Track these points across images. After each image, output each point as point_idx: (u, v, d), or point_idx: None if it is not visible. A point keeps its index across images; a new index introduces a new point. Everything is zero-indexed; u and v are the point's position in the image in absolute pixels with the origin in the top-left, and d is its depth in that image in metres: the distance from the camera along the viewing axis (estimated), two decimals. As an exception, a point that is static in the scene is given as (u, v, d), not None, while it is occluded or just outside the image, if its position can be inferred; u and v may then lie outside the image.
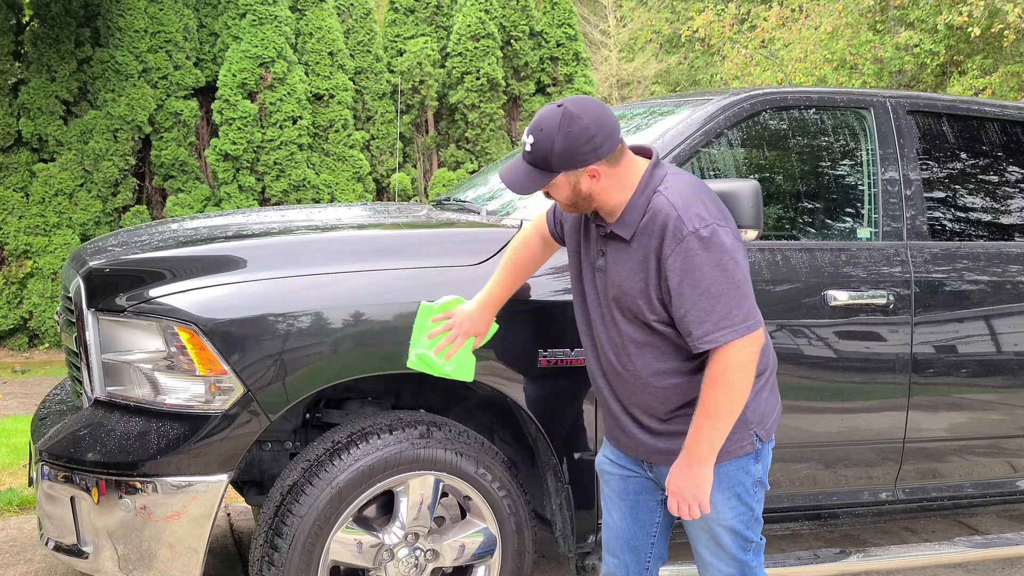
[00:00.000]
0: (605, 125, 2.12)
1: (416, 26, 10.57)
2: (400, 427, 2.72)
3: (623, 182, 2.17)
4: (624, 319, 2.22)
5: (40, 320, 8.95)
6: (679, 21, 19.92)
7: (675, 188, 2.15)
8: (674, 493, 2.18)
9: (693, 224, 2.07)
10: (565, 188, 2.17)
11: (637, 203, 2.16)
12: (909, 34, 11.62)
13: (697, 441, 2.14)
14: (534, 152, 2.14)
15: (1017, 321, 3.32)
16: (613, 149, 2.14)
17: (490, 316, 2.56)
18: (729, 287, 2.08)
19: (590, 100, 2.17)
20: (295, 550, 2.59)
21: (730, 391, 2.10)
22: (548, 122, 2.11)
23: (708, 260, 2.07)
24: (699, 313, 2.07)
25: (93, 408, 2.67)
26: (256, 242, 2.84)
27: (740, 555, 2.30)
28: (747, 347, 2.10)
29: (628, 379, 2.25)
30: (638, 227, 2.15)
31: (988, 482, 3.43)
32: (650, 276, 2.14)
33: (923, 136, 3.40)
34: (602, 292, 2.26)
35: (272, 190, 9.49)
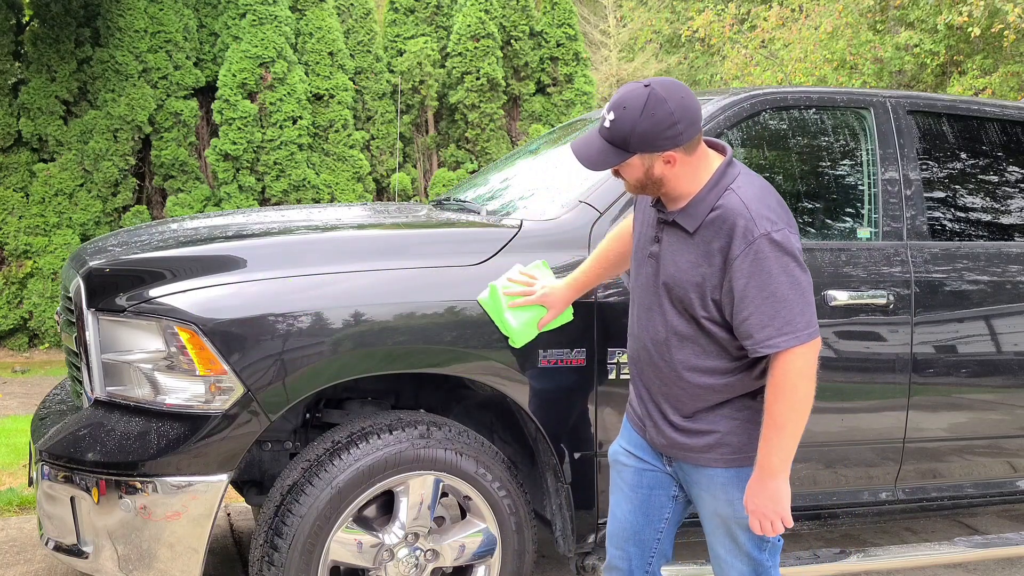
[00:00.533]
0: (689, 111, 2.08)
1: (416, 26, 10.57)
2: (400, 427, 2.72)
3: (696, 173, 2.14)
4: (673, 309, 2.19)
5: (40, 320, 8.95)
6: (679, 21, 19.93)
7: (748, 189, 2.12)
8: (753, 512, 2.15)
9: (764, 227, 2.05)
10: (638, 169, 2.13)
11: (706, 197, 2.12)
12: (909, 34, 11.62)
13: (767, 454, 2.10)
14: (613, 129, 2.09)
15: (1017, 321, 3.32)
16: (692, 137, 2.10)
17: (570, 297, 2.59)
18: (795, 293, 2.05)
19: (677, 84, 2.11)
20: (295, 550, 2.59)
21: (795, 399, 2.06)
22: (633, 101, 2.07)
23: (777, 264, 2.04)
24: (762, 317, 2.05)
25: (93, 408, 2.67)
26: (256, 242, 2.84)
27: (756, 553, 2.29)
28: (807, 354, 2.06)
29: (665, 369, 2.23)
30: (704, 221, 2.11)
31: (988, 482, 3.43)
32: (712, 273, 2.11)
33: (923, 136, 3.40)
34: (652, 278, 2.23)
35: (272, 190, 9.50)
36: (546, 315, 2.59)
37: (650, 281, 2.24)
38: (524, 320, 2.58)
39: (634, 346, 2.34)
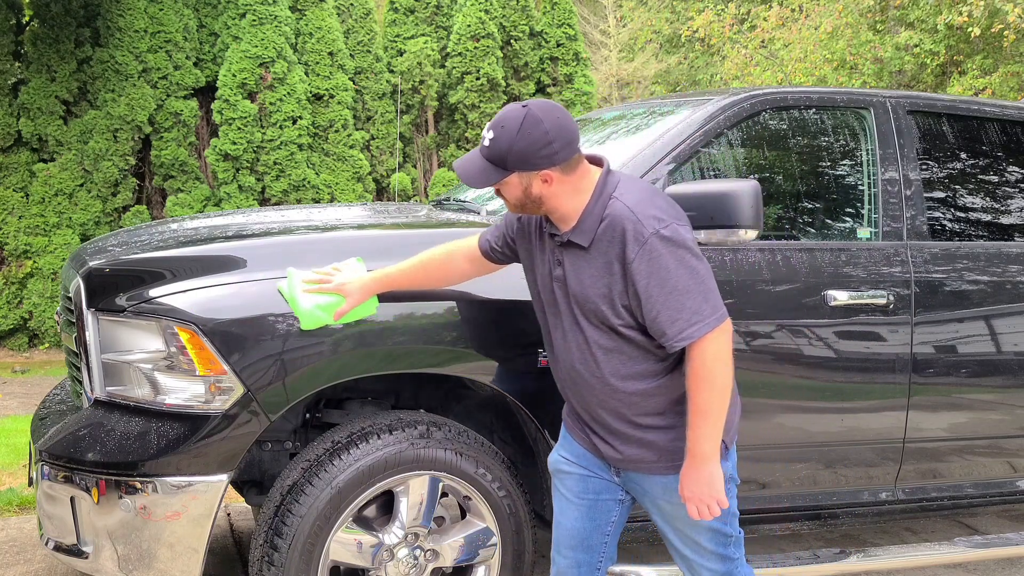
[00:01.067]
0: (565, 132, 2.13)
1: (416, 26, 10.57)
2: (400, 427, 2.72)
3: (577, 189, 2.19)
4: (590, 325, 2.22)
5: (40, 320, 8.95)
6: (679, 21, 19.93)
7: (630, 193, 2.17)
8: (690, 498, 2.18)
9: (652, 226, 2.09)
10: (517, 188, 2.18)
11: (593, 210, 2.17)
12: (909, 34, 11.63)
13: (697, 441, 2.15)
14: (492, 148, 2.15)
15: (1017, 321, 3.32)
16: (569, 157, 2.15)
17: (372, 289, 2.52)
18: (695, 282, 2.10)
19: (554, 106, 2.17)
20: (295, 550, 2.59)
21: (715, 383, 2.12)
22: (510, 121, 2.13)
23: (672, 258, 2.09)
24: (670, 312, 2.09)
25: (93, 408, 2.67)
26: (256, 242, 2.84)
27: (721, 550, 2.33)
28: (721, 337, 2.12)
29: (597, 385, 2.25)
30: (596, 234, 2.16)
31: (988, 482, 3.43)
32: (615, 282, 2.15)
33: (923, 136, 3.40)
34: (563, 301, 2.27)
35: (272, 190, 9.50)
36: (343, 305, 2.51)
37: (563, 304, 2.27)
38: (316, 303, 2.50)
39: (561, 373, 2.35)
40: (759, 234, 2.63)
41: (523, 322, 2.72)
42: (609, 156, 3.09)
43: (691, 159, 3.01)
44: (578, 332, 2.25)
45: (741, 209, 2.54)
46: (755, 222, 2.56)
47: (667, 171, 2.93)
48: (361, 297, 2.52)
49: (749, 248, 2.98)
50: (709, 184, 2.67)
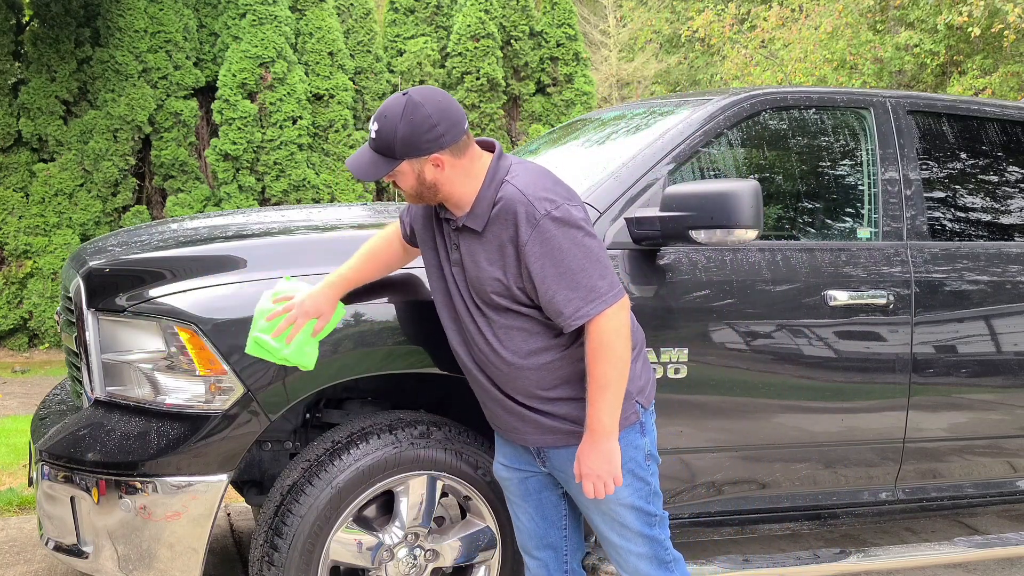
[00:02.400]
0: (449, 114, 2.15)
1: (416, 26, 10.57)
2: (400, 427, 2.72)
3: (469, 173, 2.20)
4: (488, 307, 2.24)
5: (40, 320, 8.95)
6: (679, 21, 19.93)
7: (521, 175, 2.18)
8: (586, 475, 2.20)
9: (544, 207, 2.11)
10: (410, 176, 2.19)
11: (486, 194, 2.18)
12: (909, 34, 11.63)
13: (596, 416, 2.17)
14: (378, 139, 2.16)
15: (1017, 321, 3.32)
16: (457, 139, 2.16)
17: (335, 297, 2.45)
18: (589, 261, 2.12)
19: (435, 90, 2.19)
20: (295, 550, 2.59)
21: (613, 358, 2.13)
22: (392, 109, 2.14)
23: (565, 239, 2.11)
24: (566, 292, 2.11)
25: (93, 408, 2.67)
26: (256, 242, 2.84)
27: (647, 531, 2.35)
28: (618, 313, 2.14)
29: (502, 366, 2.27)
30: (489, 217, 2.17)
31: (988, 482, 3.43)
32: (508, 264, 2.17)
33: (923, 136, 3.40)
34: (463, 286, 2.28)
35: (272, 190, 9.50)
36: (318, 323, 2.43)
37: (462, 288, 2.28)
38: (300, 343, 2.39)
39: (465, 361, 2.36)
40: (759, 234, 2.63)
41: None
42: (610, 156, 3.11)
43: (691, 159, 3.01)
44: (478, 315, 2.26)
45: (741, 209, 2.54)
46: (755, 222, 2.56)
47: (667, 171, 2.93)
48: (330, 308, 2.45)
49: (749, 248, 2.98)
50: (709, 184, 2.68)
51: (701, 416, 2.94)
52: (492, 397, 2.37)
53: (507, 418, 2.36)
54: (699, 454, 2.99)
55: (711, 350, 2.91)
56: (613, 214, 2.83)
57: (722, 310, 2.90)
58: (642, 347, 2.40)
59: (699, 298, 2.88)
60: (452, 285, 2.31)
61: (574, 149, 3.60)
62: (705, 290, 2.89)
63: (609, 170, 2.96)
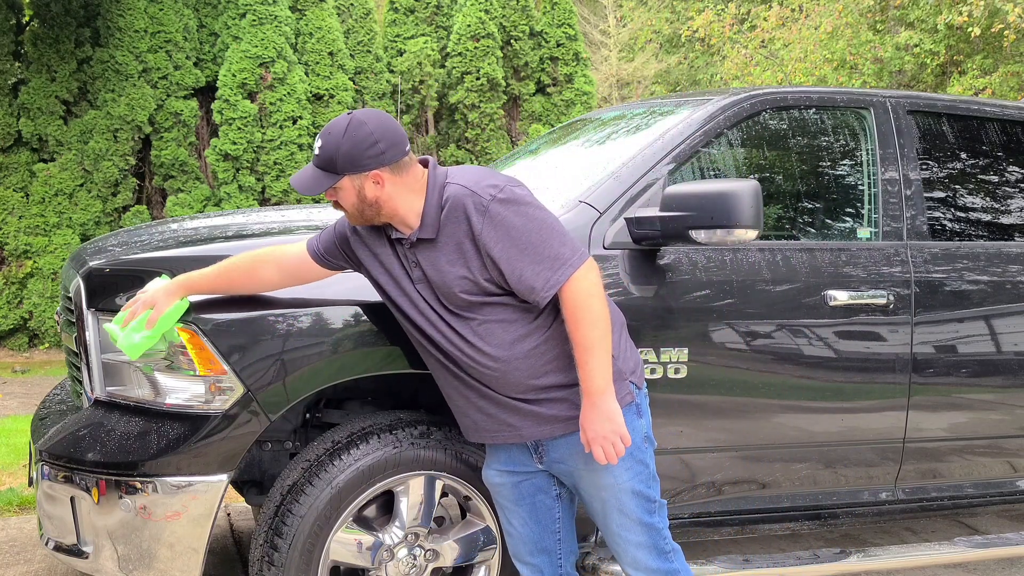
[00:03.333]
0: (390, 133, 2.21)
1: (416, 26, 10.57)
2: (400, 427, 2.72)
3: (412, 189, 2.25)
4: (462, 311, 2.26)
5: (40, 320, 8.95)
6: (679, 21, 19.93)
7: (460, 174, 2.25)
8: (593, 439, 2.20)
9: (489, 192, 2.17)
10: (350, 192, 2.23)
11: (432, 201, 2.23)
12: (909, 34, 11.63)
13: (588, 379, 2.19)
14: (322, 155, 2.21)
15: (1017, 321, 3.32)
16: (397, 158, 2.22)
17: (174, 293, 2.45)
18: (546, 231, 2.17)
19: (378, 112, 2.26)
20: (295, 550, 2.59)
21: (592, 317, 2.16)
22: (336, 127, 2.21)
23: (516, 216, 2.16)
24: (532, 267, 2.15)
25: (93, 408, 2.67)
26: (256, 242, 2.83)
27: (647, 518, 2.36)
28: (587, 274, 2.18)
29: (491, 364, 2.27)
30: (440, 221, 2.21)
31: (988, 482, 3.43)
32: (470, 260, 2.20)
33: (923, 136, 3.40)
34: (432, 300, 2.29)
35: (272, 190, 9.50)
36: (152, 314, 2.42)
37: (432, 302, 2.29)
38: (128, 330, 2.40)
39: (449, 373, 2.35)
40: (759, 234, 2.63)
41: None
42: (610, 156, 3.11)
43: (691, 159, 3.01)
44: (455, 320, 2.28)
45: (741, 209, 2.54)
46: (755, 222, 2.56)
47: (667, 171, 2.93)
48: (167, 302, 2.44)
49: (749, 248, 2.98)
50: (709, 184, 2.68)
51: (701, 416, 2.94)
52: (486, 403, 2.35)
53: (504, 418, 2.35)
54: (699, 454, 2.99)
55: (711, 350, 2.90)
56: (613, 214, 2.83)
57: (722, 310, 2.90)
58: (623, 328, 2.41)
59: (699, 298, 2.88)
60: (422, 304, 2.31)
61: (574, 149, 3.60)
62: (705, 290, 2.89)
63: (609, 170, 2.96)
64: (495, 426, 2.38)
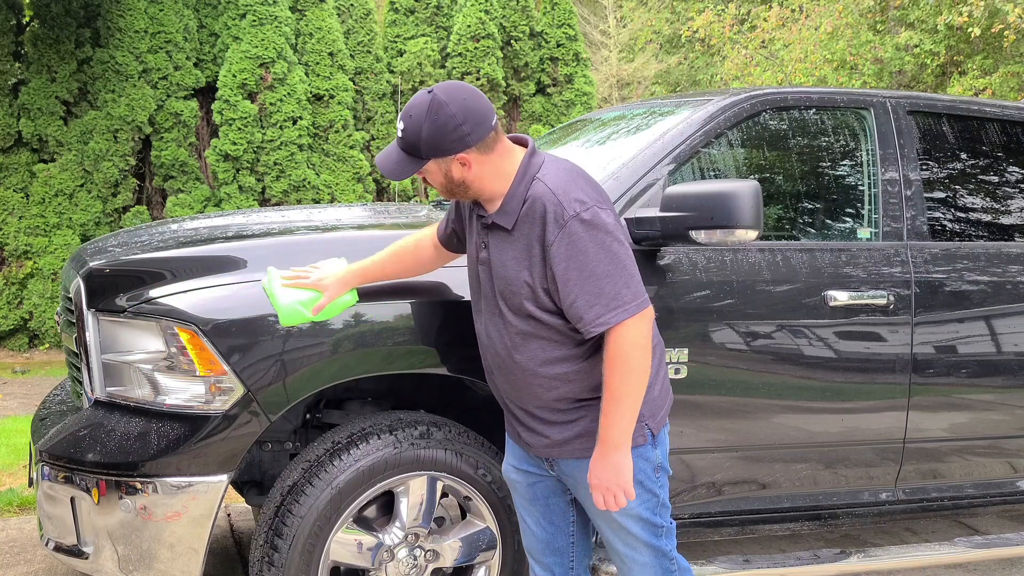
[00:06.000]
0: (474, 113, 2.10)
1: (416, 26, 10.57)
2: (400, 427, 2.72)
3: (499, 170, 2.16)
4: (509, 310, 2.21)
5: (40, 320, 8.95)
6: (679, 21, 19.94)
7: (553, 174, 2.14)
8: (596, 487, 2.17)
9: (574, 208, 2.06)
10: (437, 175, 2.17)
11: (517, 192, 2.14)
12: (909, 34, 11.63)
13: (608, 428, 2.13)
14: (405, 138, 2.14)
15: (1017, 321, 3.32)
16: (483, 137, 2.12)
17: (349, 281, 2.48)
18: (616, 268, 2.08)
19: (461, 87, 2.14)
20: (295, 550, 2.59)
21: (629, 370, 2.09)
22: (417, 109, 2.11)
23: (592, 242, 2.06)
24: (588, 297, 2.07)
25: (93, 408, 2.67)
26: (256, 243, 2.84)
27: (653, 541, 2.32)
28: (640, 324, 2.09)
29: (516, 372, 2.25)
30: (519, 216, 2.13)
31: (988, 482, 3.43)
32: (534, 265, 2.13)
33: (923, 136, 3.40)
34: (487, 285, 2.25)
35: (272, 190, 9.50)
36: (321, 300, 2.46)
37: (487, 288, 2.26)
38: (294, 299, 2.45)
39: (487, 357, 2.34)
40: (759, 234, 2.63)
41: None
42: (610, 156, 3.11)
43: (691, 159, 3.01)
44: (499, 317, 2.24)
45: (741, 209, 2.54)
46: (755, 222, 2.56)
47: (667, 171, 2.93)
48: (338, 290, 2.48)
49: (749, 248, 2.98)
50: (709, 184, 2.68)
51: (701, 416, 2.94)
52: (507, 403, 2.35)
53: (519, 424, 2.34)
54: (699, 454, 2.99)
55: (711, 350, 2.91)
56: (613, 214, 2.83)
57: (722, 310, 2.90)
58: (662, 362, 2.35)
59: (699, 298, 2.88)
60: (478, 285, 2.29)
61: (574, 150, 3.60)
62: (705, 290, 2.89)
63: (609, 170, 2.96)
64: (516, 422, 2.37)
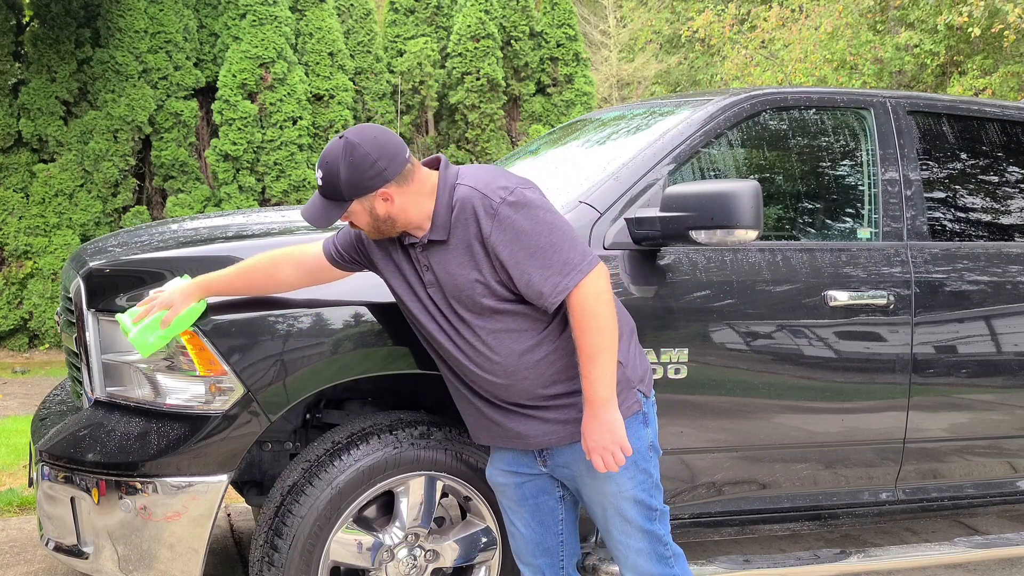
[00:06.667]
0: (387, 148, 2.17)
1: (416, 26, 10.58)
2: (400, 427, 2.72)
3: (421, 194, 2.22)
4: (472, 315, 2.24)
5: (40, 320, 8.96)
6: (679, 21, 19.94)
7: (471, 174, 2.22)
8: (592, 449, 2.19)
9: (499, 195, 2.14)
10: (363, 215, 2.22)
11: (443, 202, 2.20)
12: (909, 34, 11.63)
13: (592, 387, 2.16)
14: (325, 184, 2.19)
15: (1017, 321, 3.32)
16: (400, 171, 2.18)
17: (191, 295, 2.45)
18: (556, 236, 2.14)
19: (370, 127, 2.22)
20: (295, 550, 2.59)
21: (599, 325, 2.13)
22: (332, 154, 2.17)
23: (527, 220, 2.13)
24: (541, 271, 2.12)
25: (93, 409, 2.67)
26: (256, 243, 2.83)
27: (647, 525, 2.35)
28: (597, 280, 2.15)
29: (499, 373, 2.26)
30: (451, 223, 2.19)
31: (988, 482, 3.43)
32: (480, 262, 2.18)
33: (923, 136, 3.40)
34: (443, 304, 2.28)
35: (272, 190, 9.50)
36: (168, 314, 2.42)
37: (443, 307, 2.28)
38: (143, 327, 2.40)
39: (462, 376, 2.34)
40: (759, 234, 2.63)
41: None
42: (610, 156, 3.11)
43: (691, 159, 3.01)
44: (464, 327, 2.26)
45: (741, 209, 2.54)
46: (755, 222, 2.56)
47: (667, 171, 2.93)
48: (184, 303, 2.44)
49: (749, 248, 2.98)
50: (709, 184, 2.68)
51: (701, 416, 2.94)
52: (493, 412, 2.35)
53: (511, 427, 2.34)
54: (699, 454, 2.99)
55: (711, 350, 2.91)
56: (613, 214, 2.83)
57: (722, 310, 2.90)
58: (633, 335, 2.39)
59: (699, 298, 2.88)
60: (433, 309, 2.30)
61: (574, 150, 3.60)
62: (705, 290, 2.89)
63: (609, 171, 2.96)
64: (502, 433, 2.38)
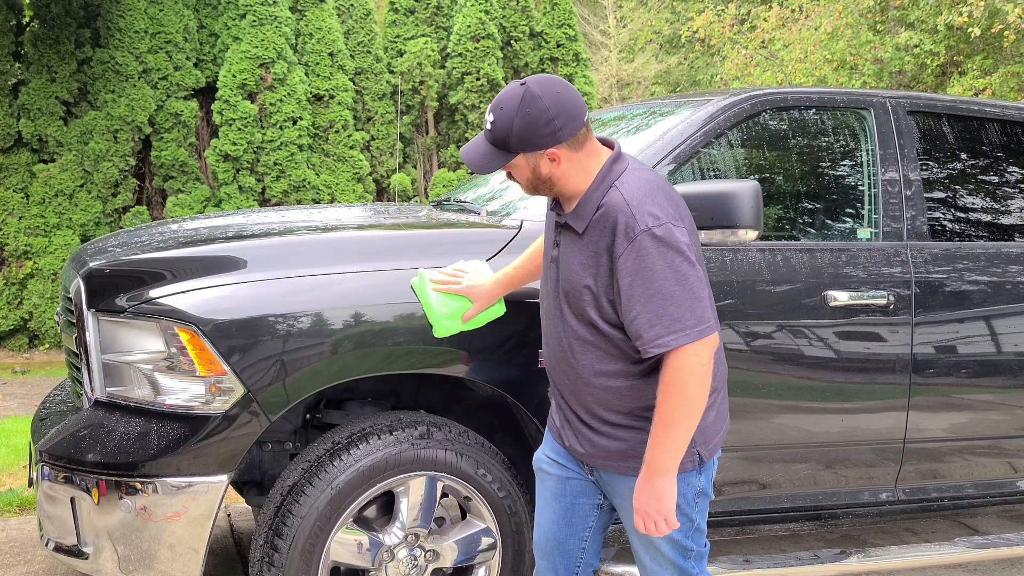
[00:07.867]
0: (568, 107, 2.04)
1: (416, 27, 10.58)
2: (400, 428, 2.72)
3: (585, 168, 2.10)
4: (571, 314, 2.16)
5: (40, 321, 8.95)
6: (679, 22, 19.94)
7: (631, 184, 2.06)
8: (638, 510, 2.10)
9: (646, 222, 1.98)
10: (525, 170, 2.11)
11: (592, 196, 2.08)
12: (909, 34, 11.64)
13: (655, 453, 2.05)
14: (494, 131, 2.07)
15: (1017, 321, 3.32)
16: (575, 133, 2.06)
17: (497, 292, 2.54)
18: (682, 289, 1.99)
19: (555, 80, 2.07)
20: (295, 550, 2.59)
21: (684, 397, 2.00)
22: (509, 102, 2.05)
23: (661, 260, 1.98)
24: (650, 315, 1.99)
25: (93, 409, 2.67)
26: (256, 243, 2.84)
27: (680, 562, 2.25)
28: (700, 351, 2.00)
29: (571, 376, 2.20)
30: (591, 221, 2.07)
31: (988, 482, 3.43)
32: (600, 274, 2.07)
33: (923, 136, 3.40)
34: (554, 284, 2.20)
35: (272, 191, 9.50)
36: (471, 309, 2.50)
37: (553, 286, 2.21)
38: (450, 309, 2.53)
39: (547, 352, 2.30)
40: (759, 234, 2.63)
41: (522, 322, 2.72)
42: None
43: (691, 159, 3.02)
44: (561, 320, 2.19)
45: (741, 209, 2.54)
46: (755, 222, 2.56)
47: (667, 171, 2.93)
48: (487, 302, 2.51)
49: (749, 248, 2.98)
50: (709, 184, 2.67)
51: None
52: (557, 401, 2.31)
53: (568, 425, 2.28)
54: (699, 454, 2.99)
55: (711, 350, 2.90)
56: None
57: (722, 310, 2.90)
58: (723, 390, 2.27)
59: (699, 298, 2.88)
60: (546, 283, 2.25)
61: (574, 149, 3.60)
62: (705, 290, 2.89)
63: (609, 170, 2.96)
64: (561, 420, 2.32)
